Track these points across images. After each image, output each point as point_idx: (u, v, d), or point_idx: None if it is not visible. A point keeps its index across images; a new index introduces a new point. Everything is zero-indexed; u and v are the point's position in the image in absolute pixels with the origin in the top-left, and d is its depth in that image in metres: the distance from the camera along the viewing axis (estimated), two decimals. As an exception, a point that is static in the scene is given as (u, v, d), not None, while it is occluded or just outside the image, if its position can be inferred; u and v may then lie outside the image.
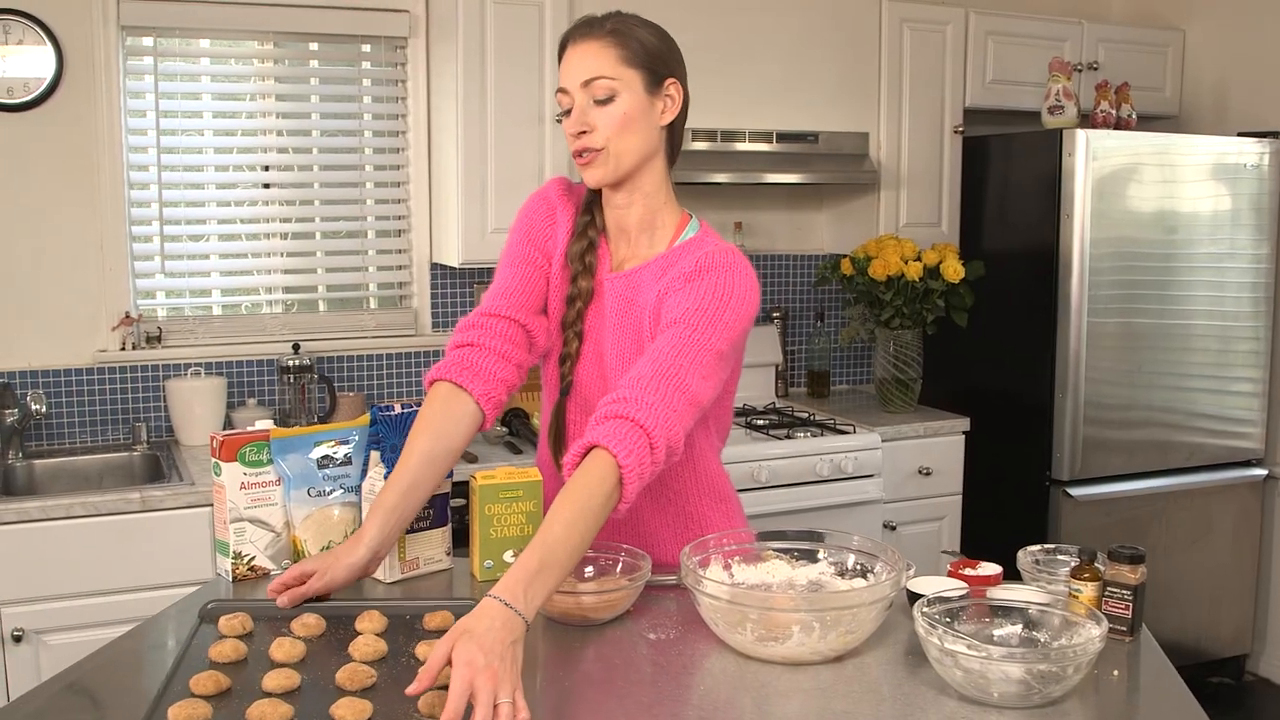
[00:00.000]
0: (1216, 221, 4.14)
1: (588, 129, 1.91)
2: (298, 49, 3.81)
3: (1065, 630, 1.71)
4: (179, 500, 3.09)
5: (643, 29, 1.96)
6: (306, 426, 2.10)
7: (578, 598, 1.83)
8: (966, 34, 4.26)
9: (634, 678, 1.68)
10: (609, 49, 1.90)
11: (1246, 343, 4.26)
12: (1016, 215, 4.20)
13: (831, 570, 1.89)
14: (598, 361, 2.03)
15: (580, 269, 2.01)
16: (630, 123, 1.91)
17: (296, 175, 3.83)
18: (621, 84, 1.90)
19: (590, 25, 1.94)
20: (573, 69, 1.92)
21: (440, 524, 2.09)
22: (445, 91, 3.72)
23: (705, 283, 1.87)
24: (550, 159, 3.69)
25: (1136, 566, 1.83)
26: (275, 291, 3.85)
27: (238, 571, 2.04)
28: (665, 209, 2.03)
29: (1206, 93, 4.62)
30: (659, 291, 1.94)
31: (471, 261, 3.68)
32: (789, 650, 1.68)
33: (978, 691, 1.60)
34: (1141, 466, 4.14)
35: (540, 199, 2.10)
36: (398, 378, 3.93)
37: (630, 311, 1.99)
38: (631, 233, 2.03)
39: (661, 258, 1.99)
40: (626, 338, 1.99)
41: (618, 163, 1.93)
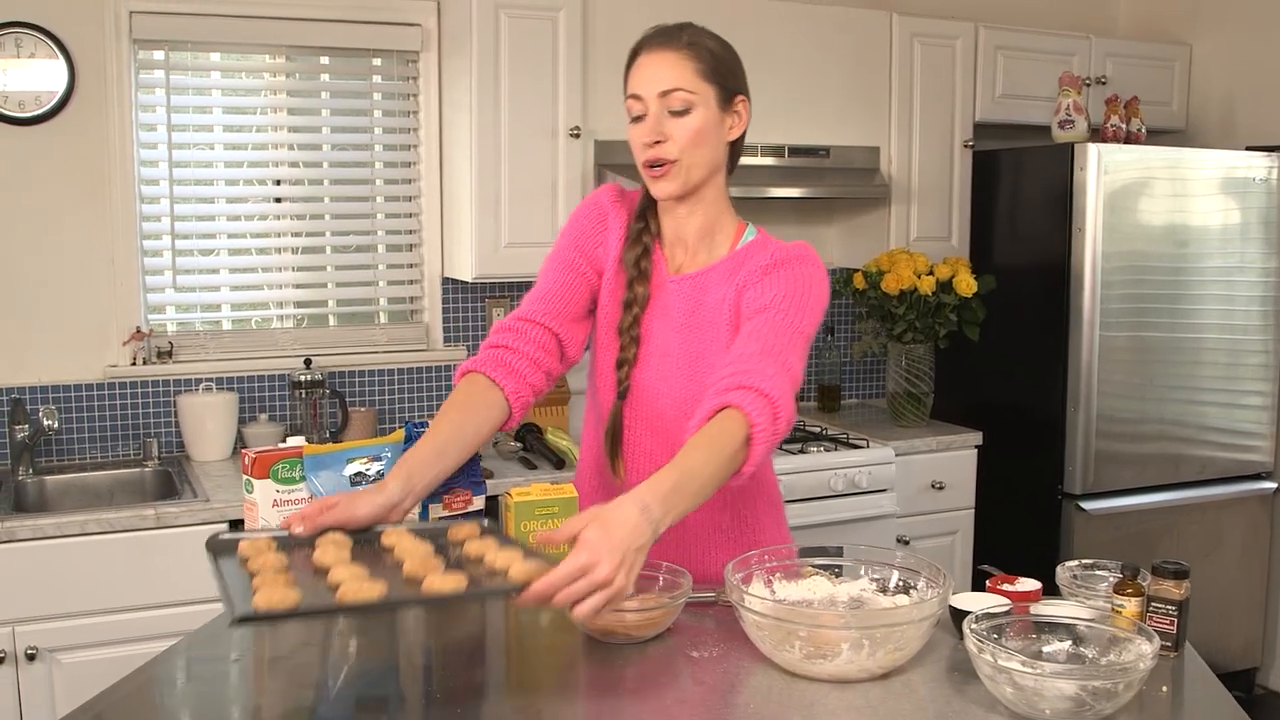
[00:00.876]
0: (1226, 235, 4.15)
1: (662, 139, 1.93)
2: (309, 63, 3.80)
3: (1113, 646, 1.70)
4: (194, 517, 3.06)
5: (715, 42, 1.99)
6: (339, 444, 2.08)
7: (620, 615, 1.82)
8: (976, 48, 4.27)
9: (681, 697, 1.67)
10: (687, 61, 1.93)
11: (1256, 356, 4.26)
12: (1027, 229, 4.20)
13: (873, 587, 1.88)
14: (658, 363, 2.03)
15: (636, 274, 2.03)
16: (703, 137, 1.94)
17: (307, 189, 3.82)
18: (698, 98, 1.93)
19: (668, 35, 1.96)
20: (650, 77, 1.94)
21: (473, 541, 2.06)
22: (458, 105, 3.71)
23: (785, 272, 1.92)
24: (564, 171, 3.68)
25: (1181, 582, 1.82)
26: (286, 306, 3.83)
27: (270, 589, 2.02)
28: (724, 217, 2.05)
29: (1213, 107, 4.64)
30: (736, 286, 1.96)
31: (485, 276, 3.67)
32: (837, 668, 1.67)
33: (1028, 708, 1.59)
34: (1153, 480, 4.14)
35: (592, 205, 2.12)
36: (409, 393, 3.91)
37: (700, 312, 2.00)
38: (690, 240, 2.05)
39: (728, 259, 2.01)
40: (698, 337, 2.00)
41: (688, 175, 1.96)
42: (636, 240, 2.05)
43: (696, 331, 2.00)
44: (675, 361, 2.01)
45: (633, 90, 1.96)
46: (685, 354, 2.01)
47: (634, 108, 1.96)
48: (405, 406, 3.91)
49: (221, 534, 1.82)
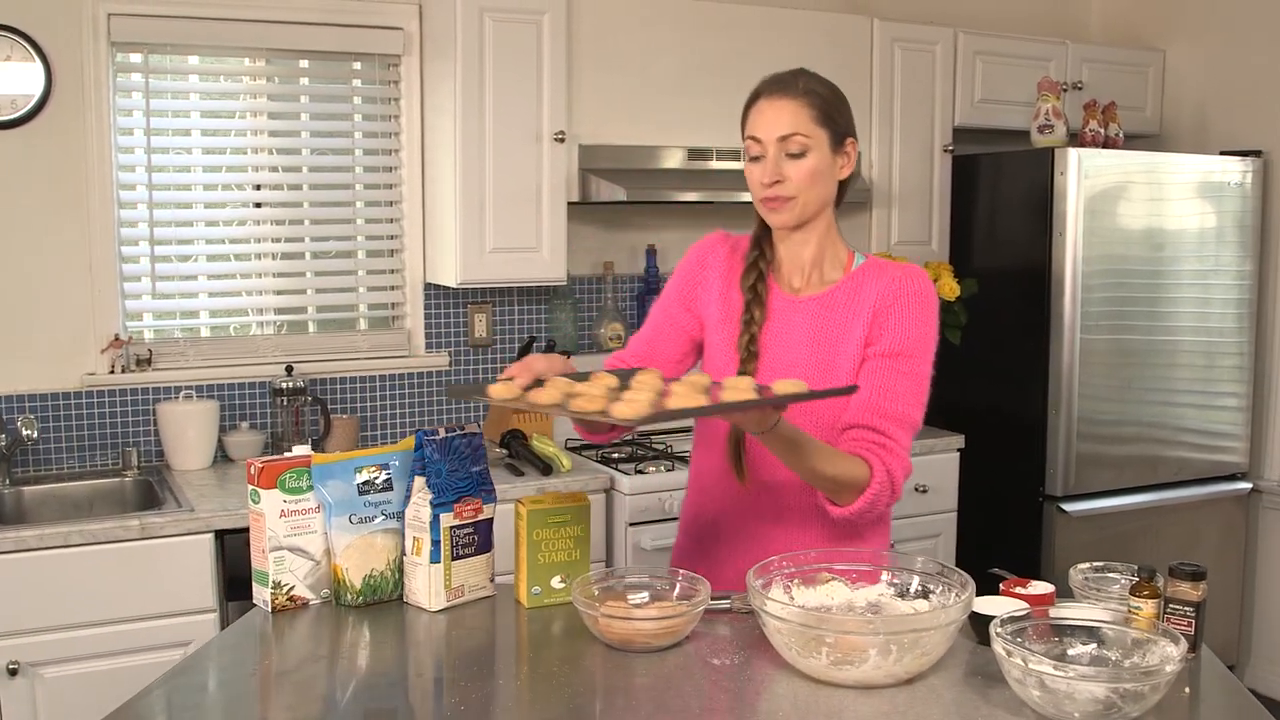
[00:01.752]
0: (1202, 239, 4.20)
1: (781, 179, 2.07)
2: (288, 66, 3.76)
3: (1136, 649, 1.70)
4: (179, 527, 3.01)
5: (826, 89, 2.12)
6: (347, 452, 2.05)
7: (639, 624, 1.80)
8: (955, 54, 4.29)
9: (708, 705, 1.66)
10: (804, 109, 2.06)
11: (1231, 358, 4.31)
12: (1007, 233, 4.23)
13: (891, 591, 1.87)
14: (772, 372, 2.14)
15: (751, 297, 2.17)
16: (818, 177, 2.09)
17: (287, 194, 3.78)
18: (813, 141, 2.07)
19: (785, 84, 2.10)
20: (769, 122, 2.07)
21: (485, 550, 2.05)
22: (441, 109, 3.68)
23: (917, 307, 2.11)
24: (549, 176, 3.66)
25: (1198, 583, 1.83)
26: (267, 312, 3.78)
27: (276, 601, 1.99)
28: (836, 246, 2.20)
29: (1187, 112, 4.69)
30: (873, 309, 2.10)
31: (470, 281, 3.64)
32: (864, 674, 1.66)
33: (1055, 710, 1.59)
34: (1131, 481, 4.17)
35: (695, 251, 2.30)
36: (392, 400, 3.87)
37: (828, 329, 2.14)
38: (805, 266, 2.19)
39: (847, 281, 2.16)
40: (825, 352, 2.13)
41: (803, 210, 2.10)
42: (752, 266, 2.19)
43: (823, 347, 2.14)
44: (801, 372, 2.12)
45: (751, 133, 2.11)
46: (812, 366, 2.13)
47: (753, 149, 2.11)
48: (388, 413, 3.87)
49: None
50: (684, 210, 4.20)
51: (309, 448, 2.04)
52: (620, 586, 1.94)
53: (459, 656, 1.91)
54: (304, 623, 1.99)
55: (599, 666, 1.81)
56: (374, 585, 2.02)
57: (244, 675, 1.87)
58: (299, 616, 2.00)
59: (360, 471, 2.02)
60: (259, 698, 1.80)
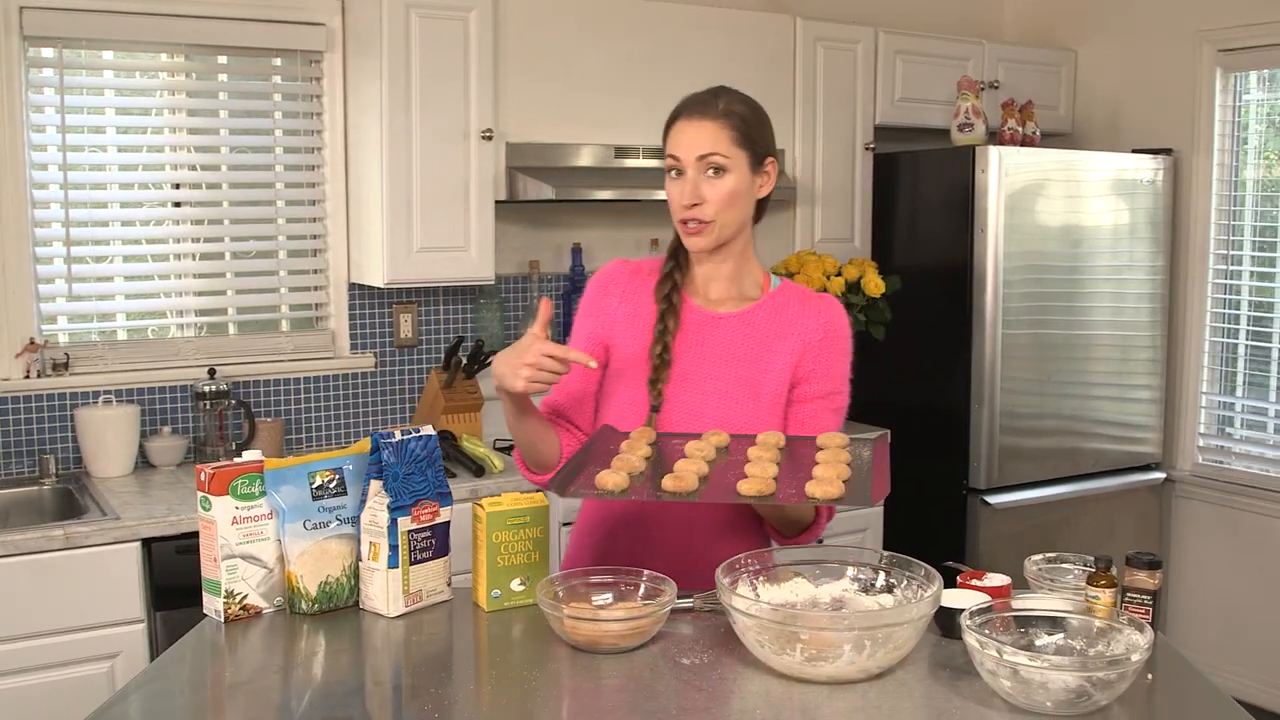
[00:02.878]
0: (1117, 235, 4.29)
1: (700, 201, 2.08)
2: (207, 62, 3.67)
3: (1101, 638, 1.73)
4: (105, 536, 2.92)
5: (746, 108, 2.12)
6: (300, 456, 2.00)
7: (606, 625, 1.79)
8: (876, 53, 4.34)
9: (686, 705, 1.65)
10: (724, 130, 2.07)
11: (1144, 351, 4.42)
12: (928, 230, 4.29)
13: (855, 587, 1.88)
14: (691, 385, 2.16)
15: (666, 307, 2.17)
16: (736, 198, 2.09)
17: (206, 193, 3.69)
18: (732, 162, 2.07)
19: (704, 105, 2.10)
20: (688, 142, 2.08)
21: (443, 553, 2.01)
22: (365, 107, 3.62)
23: (842, 347, 2.21)
24: (476, 174, 3.63)
25: (1155, 572, 1.86)
26: (187, 314, 3.68)
27: (230, 611, 1.94)
28: (751, 264, 2.23)
29: (1098, 111, 4.79)
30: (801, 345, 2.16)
31: (397, 281, 3.59)
32: (838, 669, 1.67)
33: (1027, 700, 1.61)
34: (1052, 473, 4.25)
35: (596, 282, 2.28)
36: (317, 402, 3.80)
37: (752, 348, 2.17)
38: (722, 281, 2.21)
39: (770, 302, 2.20)
40: (747, 371, 2.16)
41: (720, 233, 2.11)
42: (667, 277, 2.20)
43: (746, 365, 2.16)
44: (724, 388, 2.15)
45: (671, 151, 2.11)
46: (735, 383, 2.16)
47: (672, 165, 2.12)
48: (313, 416, 3.80)
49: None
50: (609, 208, 4.19)
51: (259, 453, 1.98)
52: (583, 587, 1.92)
53: (422, 662, 1.88)
54: (258, 632, 1.94)
55: (566, 669, 1.79)
56: (330, 592, 1.97)
57: (197, 689, 1.82)
58: (253, 626, 1.95)
59: (314, 475, 1.97)
60: (212, 711, 1.75)
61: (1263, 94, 4.42)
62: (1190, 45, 4.43)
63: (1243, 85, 4.42)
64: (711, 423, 2.11)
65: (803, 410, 2.17)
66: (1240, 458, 4.46)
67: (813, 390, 2.17)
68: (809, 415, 2.17)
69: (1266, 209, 4.41)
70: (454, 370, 3.77)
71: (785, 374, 2.16)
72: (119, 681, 2.94)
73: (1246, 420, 4.52)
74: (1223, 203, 4.46)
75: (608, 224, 4.22)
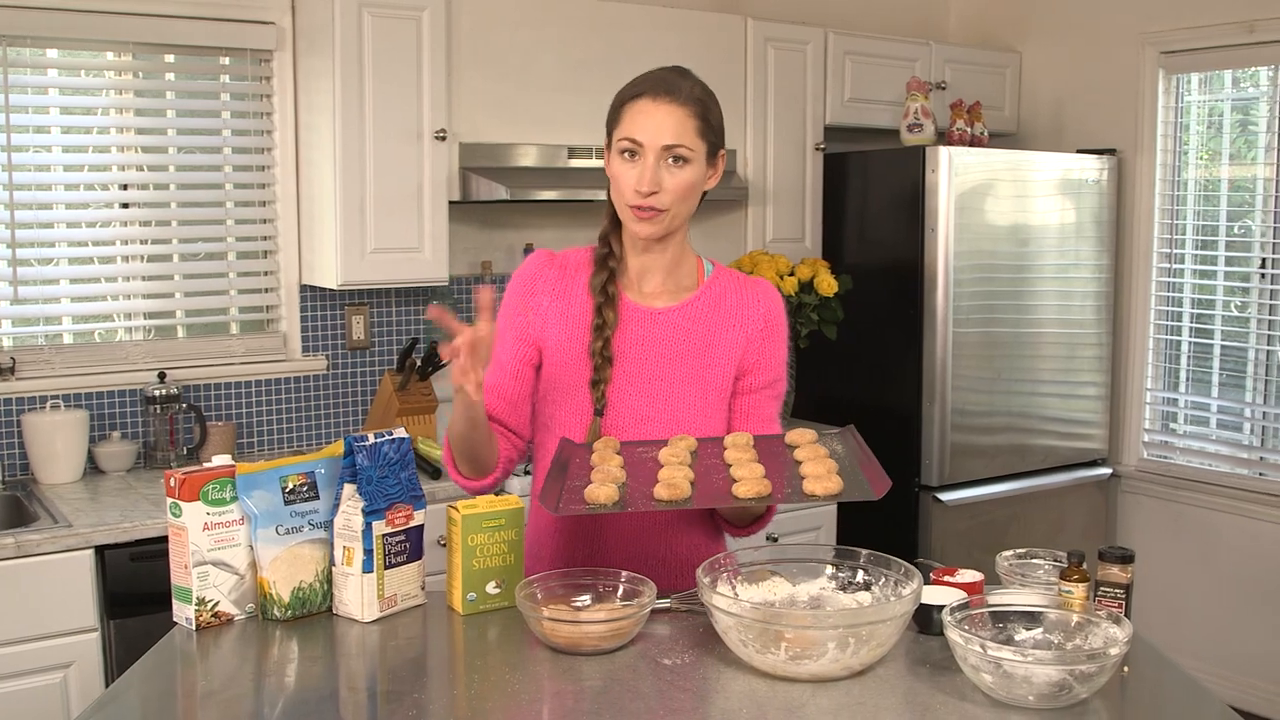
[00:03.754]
0: (1063, 234, 4.35)
1: (658, 189, 2.00)
2: (154, 61, 3.60)
3: (1078, 632, 1.75)
4: (58, 544, 2.86)
5: (709, 95, 2.06)
6: (272, 460, 1.97)
7: (587, 627, 1.78)
8: (826, 53, 4.36)
9: (673, 706, 1.64)
10: (691, 118, 2.00)
11: (1090, 349, 4.48)
12: (878, 230, 4.32)
13: (833, 585, 1.89)
14: (635, 385, 2.12)
15: (603, 300, 2.10)
16: (693, 190, 2.04)
17: (154, 194, 3.62)
18: (694, 154, 2.01)
19: (673, 88, 2.01)
20: (655, 127, 1.99)
21: (416, 557, 1.99)
22: (317, 107, 3.58)
23: (781, 334, 2.19)
24: (430, 175, 3.60)
25: (1127, 566, 1.89)
26: (136, 317, 3.62)
27: (201, 619, 1.90)
28: (688, 253, 2.19)
29: (1043, 111, 4.86)
30: (745, 337, 2.15)
31: (351, 282, 3.55)
32: (822, 667, 1.67)
33: (1007, 694, 1.63)
34: (1001, 470, 4.30)
35: (520, 277, 2.18)
36: (269, 405, 3.75)
37: (694, 343, 2.13)
38: (659, 273, 2.15)
39: (707, 292, 2.16)
40: (691, 366, 2.13)
41: (671, 223, 2.06)
42: (602, 265, 2.12)
43: (690, 360, 2.13)
44: (668, 385, 2.12)
45: (630, 134, 2.00)
46: (679, 380, 2.12)
47: (627, 146, 2.01)
48: (265, 420, 3.75)
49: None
50: (561, 208, 4.17)
51: (229, 458, 1.95)
52: (561, 589, 1.91)
53: (399, 667, 1.86)
54: (230, 640, 1.90)
55: (546, 670, 1.77)
56: (303, 598, 1.95)
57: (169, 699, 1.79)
58: (224, 633, 1.91)
59: (286, 480, 1.94)
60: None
61: (1203, 95, 4.50)
62: (1133, 47, 4.50)
63: (1184, 87, 4.50)
64: (659, 423, 2.09)
65: (747, 401, 2.18)
66: (1184, 453, 4.55)
67: (758, 380, 2.18)
68: (754, 405, 2.18)
69: (1207, 208, 4.49)
70: (408, 372, 3.74)
71: (730, 367, 2.15)
72: (72, 692, 2.88)
73: (1190, 416, 4.60)
74: (1165, 202, 4.53)
75: (560, 224, 4.21)
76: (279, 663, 1.88)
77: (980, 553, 4.03)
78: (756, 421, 2.18)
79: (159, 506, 3.07)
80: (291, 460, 1.97)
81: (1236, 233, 4.40)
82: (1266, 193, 4.29)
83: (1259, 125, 4.37)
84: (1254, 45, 4.17)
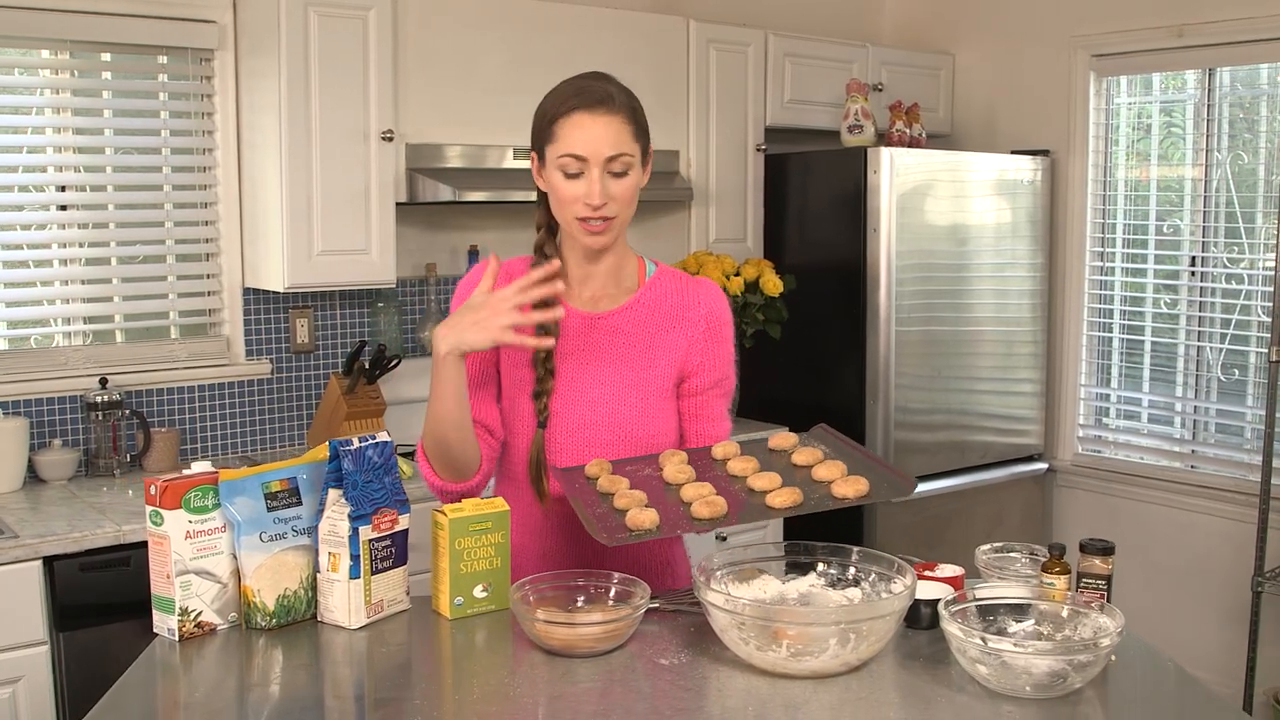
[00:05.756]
0: (999, 234, 4.43)
1: (607, 200, 2.00)
2: (91, 60, 3.52)
3: (1069, 622, 1.79)
4: (4, 555, 2.77)
5: (635, 100, 2.06)
6: (255, 466, 1.93)
7: (583, 629, 1.77)
8: (766, 55, 4.39)
9: (679, 706, 1.64)
10: (627, 126, 2.01)
11: (1026, 346, 4.57)
12: (820, 230, 4.35)
13: (822, 582, 1.90)
14: (578, 393, 2.12)
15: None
16: (636, 193, 2.06)
17: (91, 196, 3.54)
18: (634, 159, 2.03)
19: (605, 99, 2.01)
20: (595, 140, 1.98)
21: (402, 562, 1.97)
22: (260, 107, 3.52)
23: (724, 333, 2.20)
24: (377, 176, 3.56)
25: (1108, 558, 1.93)
26: (75, 322, 3.53)
27: (184, 629, 1.86)
28: (628, 255, 2.19)
29: (976, 113, 4.94)
30: (686, 339, 2.16)
31: (298, 285, 3.50)
32: (822, 664, 1.68)
33: (1005, 685, 1.65)
34: (943, 466, 4.36)
35: (468, 283, 2.15)
36: (213, 410, 3.68)
37: (635, 346, 2.14)
38: (600, 277, 2.15)
39: (647, 293, 2.17)
40: (631, 371, 2.13)
41: (620, 228, 2.08)
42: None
43: (632, 365, 2.13)
44: (607, 391, 2.12)
45: (570, 150, 1.99)
46: (621, 385, 2.12)
47: (570, 166, 2.00)
48: (210, 425, 3.68)
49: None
50: (505, 209, 4.15)
51: (209, 464, 1.91)
52: (552, 591, 1.90)
53: (390, 673, 1.83)
54: (214, 650, 1.87)
55: (544, 674, 1.76)
56: (288, 606, 1.91)
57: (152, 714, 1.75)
58: (208, 644, 1.88)
59: (268, 485, 1.91)
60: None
61: (1132, 98, 4.61)
62: (1065, 50, 4.60)
63: (1114, 89, 4.61)
64: (601, 431, 2.09)
65: (695, 402, 2.19)
66: (1117, 447, 4.65)
67: (703, 381, 2.19)
68: (702, 406, 2.20)
69: (1137, 208, 4.60)
70: (356, 375, 3.69)
71: (671, 369, 2.16)
72: (21, 708, 2.81)
73: (1122, 411, 4.71)
74: (1097, 202, 4.64)
75: (504, 225, 4.18)
76: (267, 673, 1.85)
77: (924, 548, 4.09)
78: (705, 421, 2.20)
79: (106, 515, 3.00)
80: (273, 466, 1.93)
81: (1165, 231, 4.52)
82: (1194, 192, 4.41)
83: (1184, 128, 4.48)
84: (1182, 49, 4.28)
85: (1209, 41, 4.21)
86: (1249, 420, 4.30)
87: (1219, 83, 4.33)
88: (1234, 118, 4.35)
